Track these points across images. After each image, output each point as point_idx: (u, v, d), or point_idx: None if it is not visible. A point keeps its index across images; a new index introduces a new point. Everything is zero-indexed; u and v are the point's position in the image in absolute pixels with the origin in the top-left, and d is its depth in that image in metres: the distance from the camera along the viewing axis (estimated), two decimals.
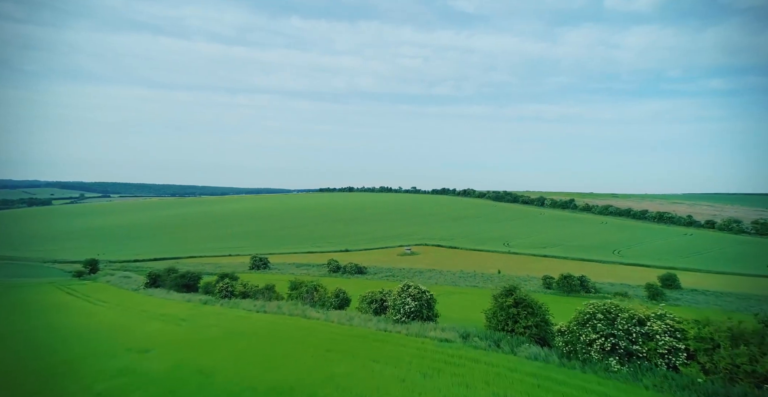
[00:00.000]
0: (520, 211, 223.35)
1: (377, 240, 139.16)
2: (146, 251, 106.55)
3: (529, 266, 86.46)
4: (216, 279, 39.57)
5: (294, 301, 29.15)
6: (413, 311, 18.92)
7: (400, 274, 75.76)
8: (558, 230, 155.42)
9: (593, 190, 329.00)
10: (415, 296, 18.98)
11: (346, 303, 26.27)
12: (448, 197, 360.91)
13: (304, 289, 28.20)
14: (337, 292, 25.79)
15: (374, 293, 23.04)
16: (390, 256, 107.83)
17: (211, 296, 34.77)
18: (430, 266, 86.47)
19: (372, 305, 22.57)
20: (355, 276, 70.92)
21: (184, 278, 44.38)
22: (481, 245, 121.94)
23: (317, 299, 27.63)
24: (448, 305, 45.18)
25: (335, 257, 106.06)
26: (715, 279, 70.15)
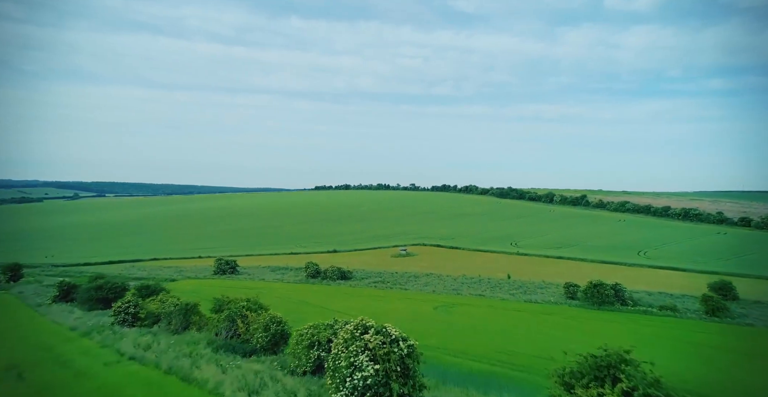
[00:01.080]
0: (527, 208, 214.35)
1: (370, 240, 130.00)
2: (101, 253, 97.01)
3: (542, 269, 77.36)
4: (132, 293, 30.18)
5: (210, 331, 19.88)
6: (372, 384, 9.51)
7: (391, 279, 66.58)
8: (571, 228, 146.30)
9: (601, 188, 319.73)
10: (376, 353, 9.46)
11: (282, 340, 16.95)
12: (449, 194, 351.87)
13: (225, 314, 18.93)
14: (268, 324, 16.50)
15: (318, 328, 13.72)
16: (383, 257, 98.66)
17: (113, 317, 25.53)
18: (428, 270, 77.28)
19: (312, 352, 13.28)
20: (337, 283, 61.68)
21: (100, 290, 35.05)
22: (485, 244, 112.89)
23: (243, 330, 18.33)
24: (449, 323, 35.86)
25: (320, 258, 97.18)
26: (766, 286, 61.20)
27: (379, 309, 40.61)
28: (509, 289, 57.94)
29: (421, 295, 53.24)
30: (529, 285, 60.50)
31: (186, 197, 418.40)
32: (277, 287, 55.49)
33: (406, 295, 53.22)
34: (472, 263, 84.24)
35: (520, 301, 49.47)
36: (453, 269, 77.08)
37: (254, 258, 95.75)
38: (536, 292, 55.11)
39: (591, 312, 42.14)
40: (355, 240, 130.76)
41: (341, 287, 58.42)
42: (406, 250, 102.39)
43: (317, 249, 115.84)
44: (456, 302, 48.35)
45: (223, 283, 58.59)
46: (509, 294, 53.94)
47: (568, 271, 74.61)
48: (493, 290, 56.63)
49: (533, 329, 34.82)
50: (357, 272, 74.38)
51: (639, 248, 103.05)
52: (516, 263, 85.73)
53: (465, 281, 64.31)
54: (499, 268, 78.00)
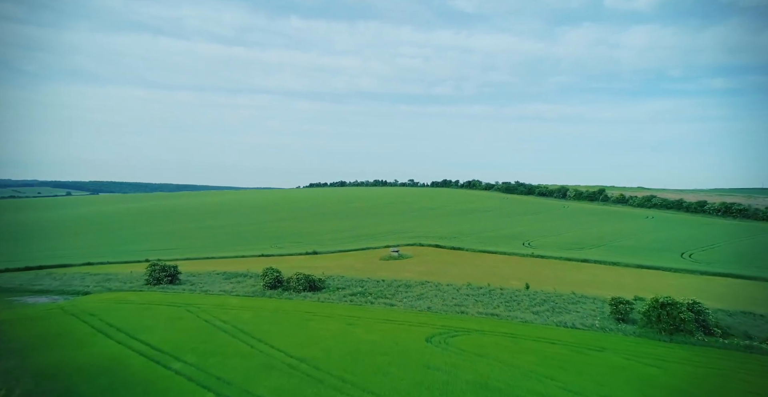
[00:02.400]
0: (538, 204, 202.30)
1: (357, 239, 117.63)
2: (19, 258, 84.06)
3: (566, 275, 65.21)
4: None
5: None
6: None
7: (376, 290, 54.28)
8: (592, 226, 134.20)
9: (614, 184, 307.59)
10: None
11: None
12: (450, 190, 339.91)
13: None
14: None
15: None
16: (370, 260, 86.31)
17: None
18: (424, 276, 64.98)
19: None
20: (303, 296, 49.30)
21: None
22: (493, 244, 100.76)
23: None
24: (449, 376, 22.76)
25: (295, 262, 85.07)
26: None
27: (344, 344, 28.15)
28: (530, 304, 45.70)
29: (412, 314, 40.95)
30: (555, 299, 48.24)
31: (164, 194, 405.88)
32: (214, 304, 43.02)
33: (390, 314, 40.93)
34: (478, 268, 72.04)
35: (549, 325, 37.23)
36: (455, 276, 64.87)
37: (213, 262, 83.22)
38: (568, 309, 42.87)
39: (662, 347, 29.76)
40: (339, 239, 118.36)
41: (306, 303, 46.03)
42: (398, 251, 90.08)
43: (294, 250, 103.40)
44: (459, 326, 36.02)
45: (146, 297, 46.04)
46: (532, 313, 41.70)
47: (599, 278, 62.48)
48: (509, 307, 44.36)
49: (585, 380, 22.44)
50: (334, 280, 62.12)
51: (679, 249, 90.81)
52: (532, 267, 73.58)
53: (470, 293, 52.05)
54: (513, 274, 65.80)
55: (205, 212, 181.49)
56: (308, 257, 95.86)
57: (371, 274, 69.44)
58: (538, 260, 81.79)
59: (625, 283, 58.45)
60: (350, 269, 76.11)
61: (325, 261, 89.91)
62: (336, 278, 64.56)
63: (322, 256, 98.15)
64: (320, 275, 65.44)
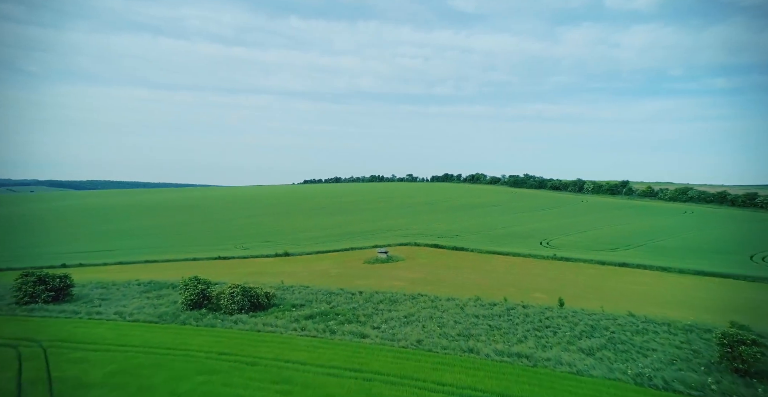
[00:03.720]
0: (552, 198, 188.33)
1: (341, 238, 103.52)
2: None
3: (606, 285, 51.17)
4: None
5: None
6: None
7: (346, 309, 40.30)
8: (620, 222, 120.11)
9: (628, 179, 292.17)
10: None
11: None
12: (452, 184, 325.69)
13: None
14: None
15: None
16: (352, 264, 72.28)
17: None
18: (417, 286, 50.88)
19: None
20: (235, 320, 35.10)
21: None
22: (503, 244, 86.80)
23: None
24: None
25: (260, 265, 71.58)
26: None
27: None
28: (573, 335, 31.57)
29: (390, 355, 26.85)
30: (607, 324, 34.07)
31: (136, 190, 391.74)
32: (77, 339, 28.83)
33: (356, 355, 26.82)
34: (488, 274, 57.96)
35: (620, 379, 23.14)
36: (458, 286, 50.82)
37: (151, 267, 69.02)
38: (637, 345, 28.70)
39: None
40: (320, 238, 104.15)
41: (230, 334, 31.86)
42: (387, 252, 76.01)
43: (262, 251, 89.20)
44: (470, 383, 21.88)
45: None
46: (583, 353, 27.57)
47: (653, 290, 48.43)
48: (542, 340, 30.23)
49: None
50: (294, 293, 48.13)
51: (747, 251, 76.22)
52: (558, 272, 59.55)
53: (481, 313, 37.95)
54: (535, 282, 51.74)
55: (169, 208, 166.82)
56: (276, 260, 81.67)
57: (348, 283, 55.25)
58: (563, 263, 67.76)
59: (694, 298, 44.43)
60: (323, 276, 62.00)
61: (295, 265, 75.80)
62: (298, 289, 50.32)
63: (294, 258, 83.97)
64: (275, 285, 51.15)
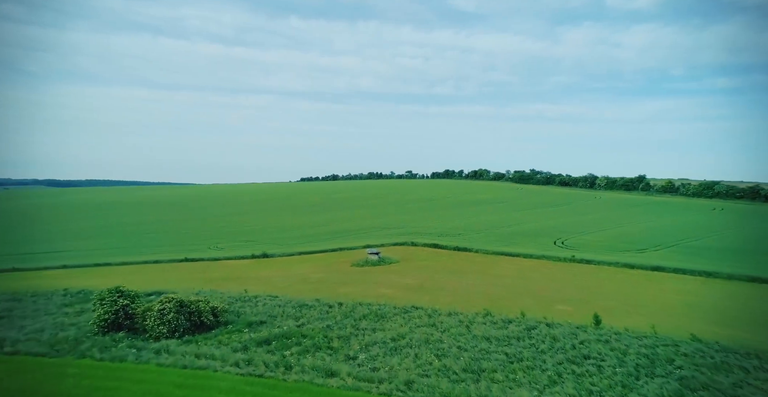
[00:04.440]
0: (562, 194, 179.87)
1: (330, 237, 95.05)
2: None
3: (645, 294, 42.80)
4: None
5: None
6: None
7: (317, 328, 32.03)
8: (642, 219, 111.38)
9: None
10: None
11: None
12: (453, 181, 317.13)
13: None
14: None
15: None
16: (338, 267, 63.93)
17: None
18: (412, 295, 42.52)
19: None
20: (161, 346, 26.57)
21: None
22: (512, 244, 78.44)
23: None
24: None
25: (233, 269, 63.69)
26: None
27: None
28: (626, 372, 23.13)
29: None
30: (673, 354, 25.60)
31: (125, 188, 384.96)
32: None
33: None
34: (498, 280, 49.54)
35: None
36: (462, 295, 42.48)
37: (106, 270, 60.69)
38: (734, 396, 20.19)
39: None
40: (306, 237, 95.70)
41: (144, 371, 23.31)
42: (378, 253, 67.62)
43: (238, 252, 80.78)
44: None
45: None
46: None
47: (711, 300, 39.96)
48: (588, 384, 21.73)
49: None
50: (257, 305, 39.98)
51: None
52: (580, 278, 51.11)
53: (493, 335, 29.68)
54: (554, 290, 43.31)
55: (145, 205, 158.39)
56: (252, 263, 73.11)
57: (328, 291, 46.75)
58: (584, 266, 59.27)
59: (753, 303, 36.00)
60: (300, 281, 53.48)
61: (272, 268, 67.27)
62: (263, 300, 41.81)
63: (273, 260, 75.39)
64: (235, 295, 42.63)
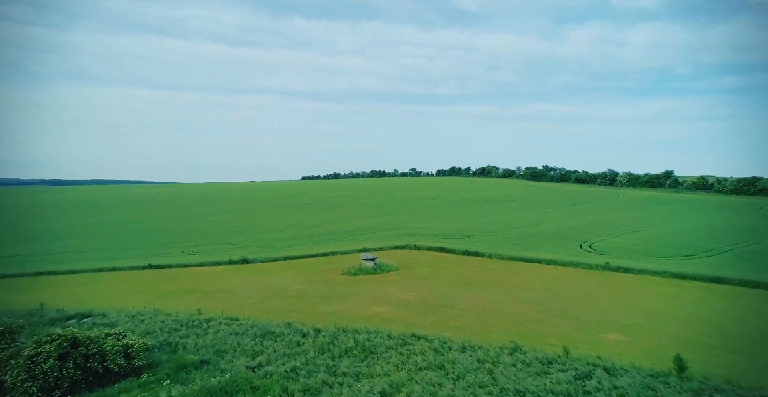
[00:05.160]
0: (580, 192, 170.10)
1: (322, 238, 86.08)
2: None
3: (716, 318, 33.47)
4: None
5: None
6: None
7: (281, 364, 22.50)
8: (679, 219, 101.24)
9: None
10: None
11: None
12: (460, 179, 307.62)
13: None
14: None
15: None
16: (325, 275, 55.01)
17: None
18: (412, 316, 33.48)
19: None
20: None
21: None
22: (529, 247, 69.21)
23: None
24: None
25: (193, 278, 55.34)
26: None
27: None
28: None
29: None
30: None
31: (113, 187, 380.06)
32: None
33: None
34: (519, 293, 40.37)
35: None
36: (477, 316, 33.40)
37: (43, 281, 51.98)
38: None
39: None
40: (294, 240, 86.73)
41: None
42: (374, 259, 58.63)
43: (214, 257, 72.16)
44: None
45: None
46: None
47: None
48: None
49: None
50: (210, 334, 31.05)
51: None
52: (622, 291, 41.87)
53: (530, 389, 20.28)
54: (597, 309, 34.10)
55: (124, 204, 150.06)
56: (226, 270, 64.24)
57: (307, 309, 37.61)
58: (622, 275, 49.92)
59: None
60: (276, 295, 44.43)
61: (247, 277, 58.26)
62: (215, 326, 32.73)
63: (252, 266, 66.51)
64: (181, 319, 33.27)
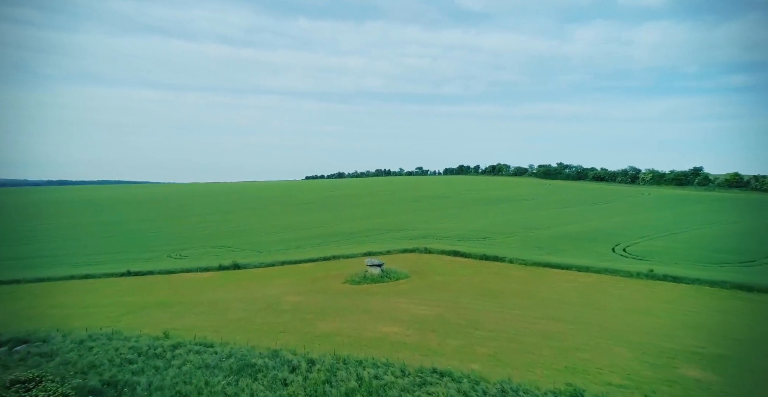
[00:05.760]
0: (600, 191, 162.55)
1: (324, 241, 79.96)
2: None
3: None
4: None
5: None
6: None
7: None
8: (720, 219, 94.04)
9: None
10: None
11: None
12: (469, 177, 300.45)
13: None
14: None
15: None
16: (327, 282, 49.04)
17: None
18: (429, 336, 27.12)
19: None
20: None
21: None
22: (554, 251, 62.82)
23: None
24: None
25: (179, 284, 49.76)
26: None
27: None
28: None
29: None
30: None
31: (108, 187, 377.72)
32: None
33: None
34: (555, 307, 33.99)
35: None
36: (510, 341, 27.16)
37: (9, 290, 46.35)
38: None
39: None
40: (293, 242, 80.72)
41: None
42: (381, 265, 52.45)
43: (203, 262, 66.43)
44: None
45: None
46: None
47: None
48: None
49: None
50: (173, 368, 24.91)
51: None
52: (679, 307, 35.48)
53: None
54: (662, 334, 27.81)
55: (115, 204, 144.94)
56: (214, 276, 58.25)
57: (301, 331, 31.50)
58: (671, 285, 43.32)
59: None
60: (266, 310, 38.34)
61: (237, 286, 52.21)
62: (186, 352, 26.72)
63: (244, 273, 60.50)
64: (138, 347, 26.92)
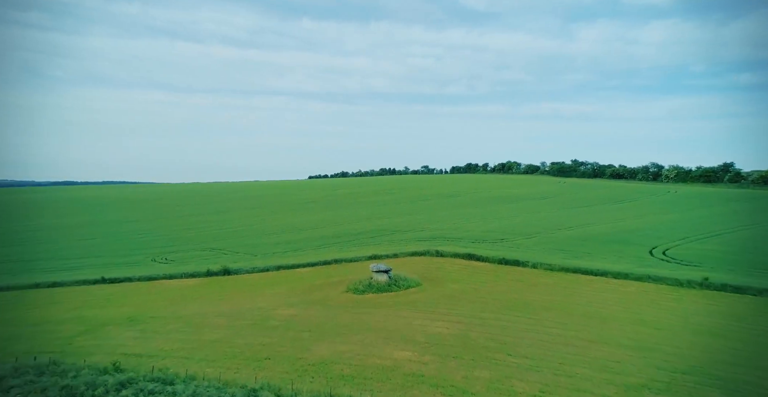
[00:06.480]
0: (621, 189, 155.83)
1: (325, 243, 74.74)
2: None
3: None
4: None
5: None
6: None
7: None
8: (760, 220, 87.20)
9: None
10: None
11: None
12: (478, 175, 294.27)
13: None
14: None
15: None
16: (326, 291, 43.82)
17: None
18: (452, 374, 21.49)
19: None
20: None
21: None
22: (580, 254, 57.28)
23: None
24: None
25: (157, 293, 44.74)
26: None
27: None
28: None
29: None
30: None
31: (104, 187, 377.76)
32: None
33: None
34: (596, 325, 28.45)
35: None
36: (558, 374, 21.21)
37: None
38: None
39: None
40: (291, 244, 75.52)
41: None
42: (389, 271, 47.02)
43: (190, 267, 61.36)
44: None
45: None
46: None
47: None
48: None
49: None
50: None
51: None
52: (754, 325, 29.52)
53: None
54: (757, 366, 21.70)
55: (102, 204, 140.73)
56: (200, 284, 53.03)
57: (291, 356, 26.25)
58: (733, 297, 37.58)
59: None
60: (252, 327, 32.99)
61: (223, 296, 46.94)
62: (137, 390, 21.38)
63: (235, 278, 55.25)
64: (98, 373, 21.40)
